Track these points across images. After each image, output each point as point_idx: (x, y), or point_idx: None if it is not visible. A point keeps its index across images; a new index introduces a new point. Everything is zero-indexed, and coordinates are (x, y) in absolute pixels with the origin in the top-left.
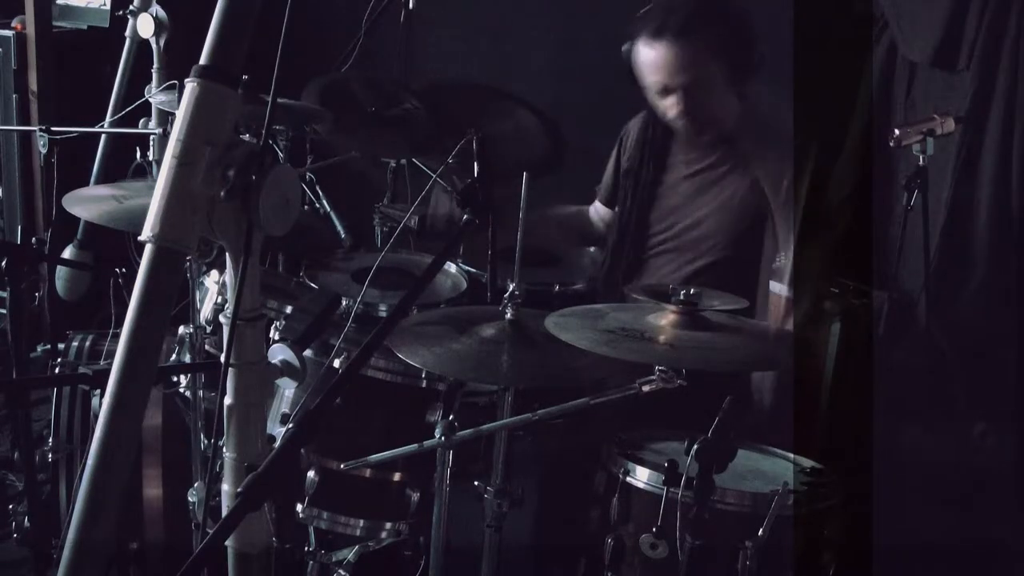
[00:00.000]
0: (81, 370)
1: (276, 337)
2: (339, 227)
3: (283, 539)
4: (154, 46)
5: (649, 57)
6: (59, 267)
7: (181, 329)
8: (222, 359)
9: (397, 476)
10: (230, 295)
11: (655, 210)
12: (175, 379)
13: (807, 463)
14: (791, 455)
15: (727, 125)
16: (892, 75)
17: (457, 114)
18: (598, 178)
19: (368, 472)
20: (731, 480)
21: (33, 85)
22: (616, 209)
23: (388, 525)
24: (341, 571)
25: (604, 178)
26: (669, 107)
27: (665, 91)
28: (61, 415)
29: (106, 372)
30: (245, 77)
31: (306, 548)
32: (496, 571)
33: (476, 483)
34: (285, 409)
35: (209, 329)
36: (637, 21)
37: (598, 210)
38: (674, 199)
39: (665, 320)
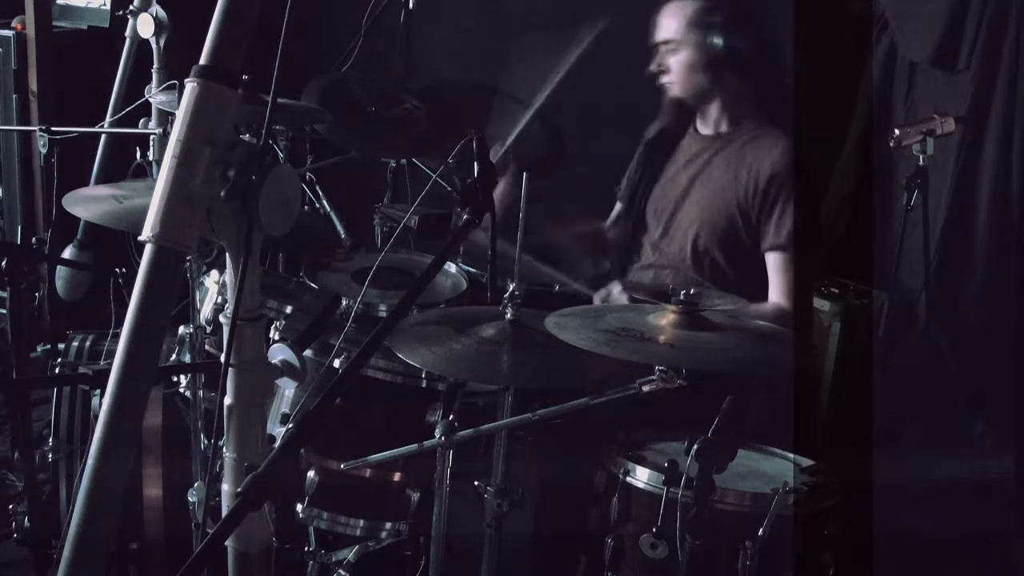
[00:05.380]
0: (81, 370)
1: (276, 337)
2: (339, 227)
3: (283, 539)
4: (154, 46)
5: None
6: (59, 267)
7: (181, 329)
8: (222, 359)
9: (397, 476)
10: (230, 295)
11: (655, 202)
12: (175, 379)
13: (807, 463)
14: (791, 455)
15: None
16: (892, 75)
17: (457, 114)
18: (601, 178)
19: (368, 472)
20: (731, 480)
21: (33, 85)
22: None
23: (388, 525)
24: (341, 571)
25: (627, 173)
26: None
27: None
28: (61, 415)
29: (106, 372)
30: (245, 77)
31: (306, 548)
32: (496, 571)
33: (476, 483)
34: (285, 409)
35: (209, 329)
36: None
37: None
38: (672, 191)
39: (665, 320)
